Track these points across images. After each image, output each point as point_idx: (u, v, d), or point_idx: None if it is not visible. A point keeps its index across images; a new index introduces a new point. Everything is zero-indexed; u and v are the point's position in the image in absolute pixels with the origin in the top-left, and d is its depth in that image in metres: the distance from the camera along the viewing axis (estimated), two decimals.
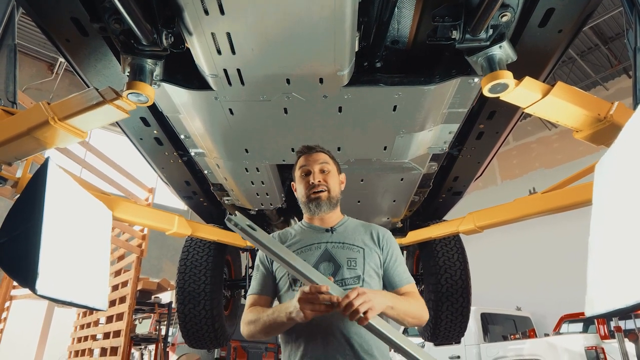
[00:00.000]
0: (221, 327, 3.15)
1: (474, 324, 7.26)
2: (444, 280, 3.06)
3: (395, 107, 1.81)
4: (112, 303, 5.32)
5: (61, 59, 9.77)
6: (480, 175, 2.75)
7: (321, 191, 1.60)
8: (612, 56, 10.41)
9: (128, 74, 1.46)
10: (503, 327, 8.11)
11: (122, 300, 5.29)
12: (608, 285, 1.14)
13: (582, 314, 1.24)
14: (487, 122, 2.09)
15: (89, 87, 1.68)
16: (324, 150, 1.70)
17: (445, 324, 3.16)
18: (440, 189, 2.83)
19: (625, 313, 1.10)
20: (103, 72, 1.70)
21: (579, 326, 7.64)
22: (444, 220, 3.08)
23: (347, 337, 1.38)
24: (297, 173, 1.67)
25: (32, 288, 1.31)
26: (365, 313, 1.22)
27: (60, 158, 3.57)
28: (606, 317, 6.27)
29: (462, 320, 3.16)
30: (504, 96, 1.45)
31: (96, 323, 5.91)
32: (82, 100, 1.47)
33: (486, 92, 1.44)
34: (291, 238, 1.64)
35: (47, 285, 1.36)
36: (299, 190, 1.67)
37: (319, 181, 1.60)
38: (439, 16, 1.39)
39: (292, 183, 1.76)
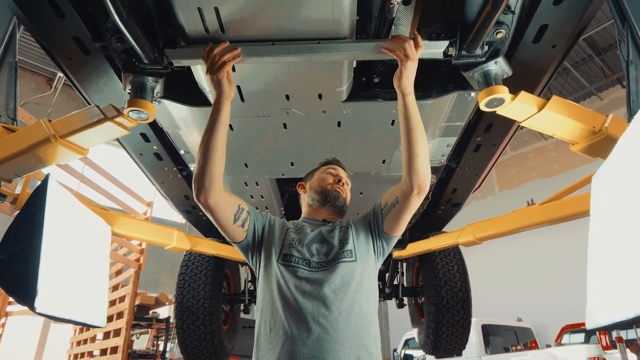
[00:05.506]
0: (220, 343, 3.12)
1: (475, 336, 7.20)
2: (444, 292, 3.04)
3: (393, 121, 1.83)
4: (110, 319, 5.26)
5: (60, 74, 9.81)
6: (479, 186, 2.77)
7: (343, 191, 1.70)
8: (605, 67, 10.53)
9: (129, 91, 1.47)
10: (504, 338, 8.06)
11: (120, 315, 5.23)
12: (608, 298, 1.14)
13: (584, 324, 1.23)
14: (484, 134, 2.10)
15: (89, 104, 1.69)
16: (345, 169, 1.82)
17: (446, 337, 3.13)
18: (439, 201, 2.83)
19: (626, 325, 1.10)
20: (104, 89, 1.71)
21: (581, 337, 7.60)
22: (443, 232, 3.09)
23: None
24: (323, 171, 1.74)
25: (31, 306, 1.29)
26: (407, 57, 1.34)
27: (58, 172, 3.57)
28: (607, 330, 6.24)
29: (463, 332, 3.14)
30: (500, 110, 1.47)
31: (93, 339, 5.84)
32: (83, 118, 1.47)
33: (483, 107, 1.46)
34: (289, 225, 1.66)
35: (46, 303, 1.35)
36: (320, 180, 1.72)
37: (343, 184, 1.72)
38: (435, 34, 1.41)
39: (299, 183, 1.80)
